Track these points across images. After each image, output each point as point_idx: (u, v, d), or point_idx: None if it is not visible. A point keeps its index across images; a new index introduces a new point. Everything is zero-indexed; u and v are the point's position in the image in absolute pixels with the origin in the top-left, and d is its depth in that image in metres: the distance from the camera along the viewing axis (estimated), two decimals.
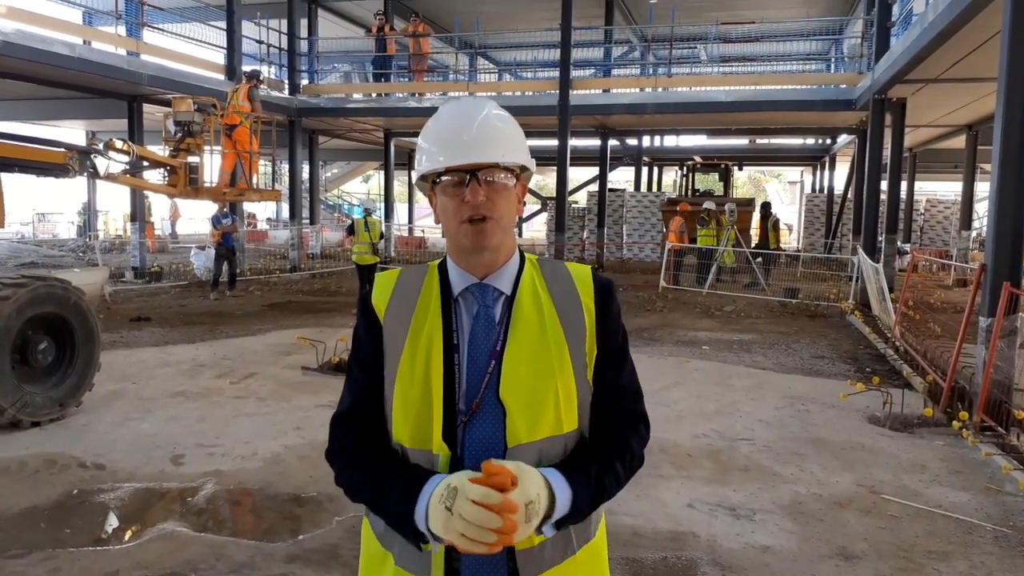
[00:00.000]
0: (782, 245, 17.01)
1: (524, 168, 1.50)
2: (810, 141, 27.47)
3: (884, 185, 13.97)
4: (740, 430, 6.25)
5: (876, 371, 8.45)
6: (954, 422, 6.27)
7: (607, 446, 1.50)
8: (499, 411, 1.42)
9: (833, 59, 22.53)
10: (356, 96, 20.61)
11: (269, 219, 35.28)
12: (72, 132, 23.28)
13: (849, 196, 19.85)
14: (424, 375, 1.44)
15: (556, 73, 17.56)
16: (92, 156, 7.97)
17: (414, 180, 1.60)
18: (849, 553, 4.08)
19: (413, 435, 1.45)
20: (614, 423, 1.53)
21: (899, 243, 17.40)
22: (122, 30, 15.24)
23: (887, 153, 13.94)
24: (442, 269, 1.54)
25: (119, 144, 8.68)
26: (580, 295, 1.52)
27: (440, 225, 1.51)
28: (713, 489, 4.95)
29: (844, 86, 16.32)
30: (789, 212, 43.47)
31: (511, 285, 1.50)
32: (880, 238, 14.03)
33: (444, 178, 1.44)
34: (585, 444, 1.51)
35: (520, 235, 32.05)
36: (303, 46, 19.67)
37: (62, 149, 7.37)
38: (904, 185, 20.35)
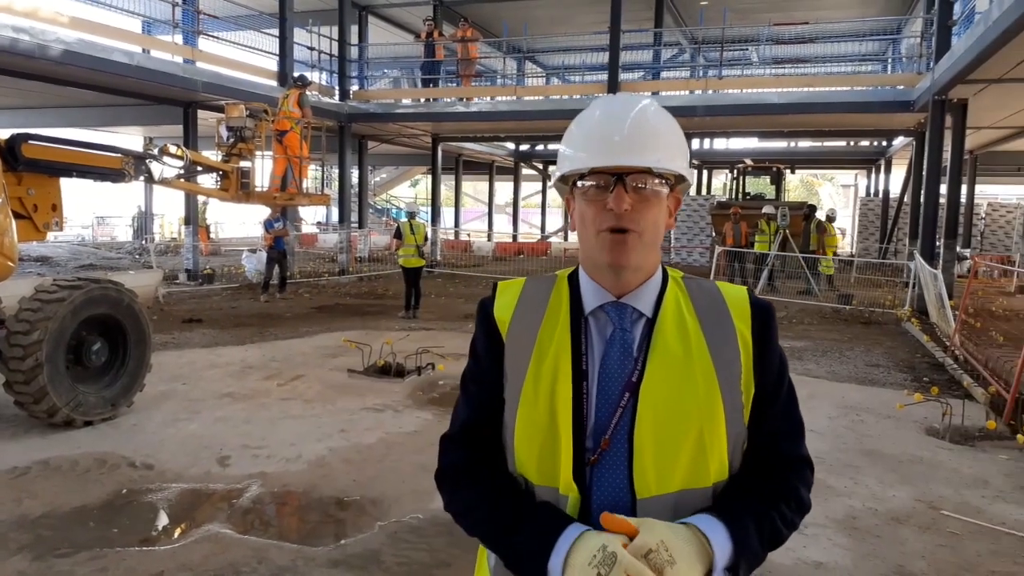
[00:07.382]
0: (829, 248, 16.54)
1: (681, 178, 1.31)
2: (865, 143, 26.84)
3: (943, 189, 13.55)
4: None
5: (934, 381, 8.15)
6: (1019, 435, 6.00)
7: (774, 491, 1.31)
8: (630, 454, 1.25)
9: (890, 60, 21.96)
10: (405, 101, 20.76)
11: (319, 223, 35.77)
12: (130, 138, 23.96)
13: (906, 200, 19.32)
14: (549, 402, 1.27)
15: (604, 76, 17.44)
16: (147, 161, 8.13)
17: (551, 182, 1.42)
18: (907, 572, 3.91)
19: (539, 469, 1.28)
20: (779, 468, 1.34)
21: (958, 248, 16.87)
22: (179, 38, 15.59)
23: (947, 155, 13.51)
24: (572, 282, 1.35)
25: (173, 149, 8.84)
26: (735, 322, 1.30)
27: (576, 233, 1.33)
28: None
29: (901, 87, 15.89)
30: (843, 216, 42.49)
31: (652, 306, 1.30)
32: (939, 243, 13.61)
33: (586, 181, 1.27)
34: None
35: (566, 239, 31.89)
36: (353, 52, 19.94)
37: (118, 155, 7.51)
38: (964, 188, 19.73)
